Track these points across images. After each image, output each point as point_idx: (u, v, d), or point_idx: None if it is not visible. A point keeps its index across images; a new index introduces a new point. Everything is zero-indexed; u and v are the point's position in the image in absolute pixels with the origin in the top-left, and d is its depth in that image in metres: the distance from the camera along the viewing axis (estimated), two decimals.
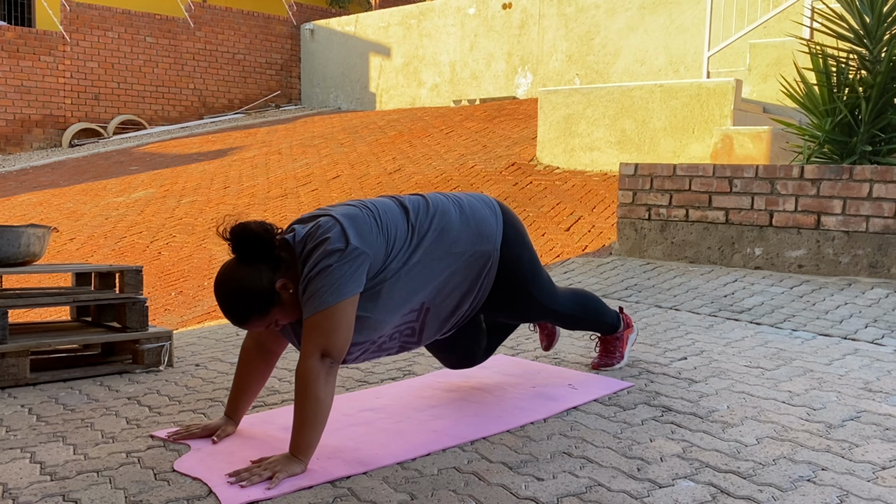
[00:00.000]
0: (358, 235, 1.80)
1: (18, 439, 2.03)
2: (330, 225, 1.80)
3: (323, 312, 1.74)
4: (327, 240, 1.77)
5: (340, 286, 1.74)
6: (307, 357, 1.74)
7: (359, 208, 1.89)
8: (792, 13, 6.85)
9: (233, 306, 1.77)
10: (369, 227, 1.84)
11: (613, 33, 9.38)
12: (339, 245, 1.76)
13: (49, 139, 11.89)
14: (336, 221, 1.81)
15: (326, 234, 1.78)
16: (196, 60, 13.12)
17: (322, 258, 1.75)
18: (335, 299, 1.74)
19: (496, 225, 2.09)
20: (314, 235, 1.80)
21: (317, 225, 1.82)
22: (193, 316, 4.46)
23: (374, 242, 1.83)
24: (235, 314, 1.78)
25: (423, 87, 11.87)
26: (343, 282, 1.74)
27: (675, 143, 6.09)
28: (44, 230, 2.82)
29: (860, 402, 2.24)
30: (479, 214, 2.07)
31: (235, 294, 1.76)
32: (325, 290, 1.74)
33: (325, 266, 1.75)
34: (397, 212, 1.94)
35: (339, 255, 1.75)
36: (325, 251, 1.76)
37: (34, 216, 7.66)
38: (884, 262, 3.86)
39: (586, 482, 1.69)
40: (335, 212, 1.86)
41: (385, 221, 1.89)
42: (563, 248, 4.91)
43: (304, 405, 1.74)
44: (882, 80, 4.21)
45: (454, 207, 2.04)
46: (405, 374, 2.65)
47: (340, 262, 1.75)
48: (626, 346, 2.62)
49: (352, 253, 1.76)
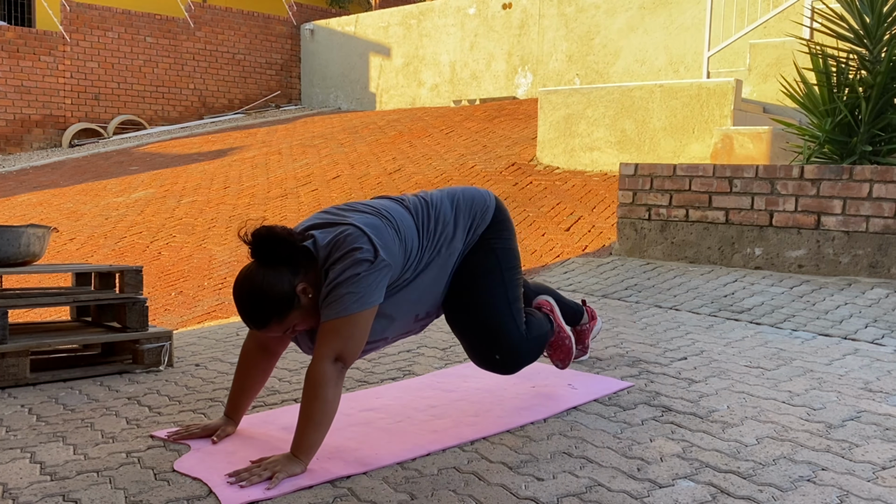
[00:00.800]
0: (384, 248, 1.83)
1: (18, 439, 2.03)
2: (358, 235, 1.82)
3: (345, 318, 1.76)
4: (359, 249, 1.79)
5: (365, 295, 1.77)
6: (321, 359, 1.76)
7: (379, 218, 1.90)
8: (792, 13, 6.85)
9: (253, 309, 1.78)
10: (392, 239, 1.87)
11: (613, 33, 9.38)
12: (369, 256, 1.79)
13: (49, 139, 11.89)
14: (363, 233, 1.82)
15: (356, 243, 1.80)
16: (196, 60, 13.12)
17: (351, 266, 1.77)
18: (359, 307, 1.77)
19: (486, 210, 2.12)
20: (341, 244, 1.81)
21: (344, 234, 1.83)
22: (193, 316, 4.46)
23: (396, 254, 1.87)
24: (256, 317, 1.79)
25: (423, 87, 11.87)
26: (368, 291, 1.78)
27: (675, 144, 6.09)
28: (44, 230, 2.82)
29: (860, 402, 2.24)
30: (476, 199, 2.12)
31: (257, 296, 1.77)
32: (351, 297, 1.76)
33: (353, 274, 1.77)
34: (410, 221, 1.97)
35: (369, 266, 1.78)
36: (355, 259, 1.78)
37: (34, 216, 7.66)
38: (884, 262, 3.86)
39: (586, 482, 1.69)
40: (359, 221, 1.87)
41: (404, 234, 1.92)
42: (563, 248, 4.91)
43: (313, 406, 1.75)
44: (882, 80, 4.21)
45: (450, 205, 2.08)
46: (405, 374, 2.65)
47: (369, 272, 1.78)
48: (588, 337, 2.67)
49: (380, 264, 1.80)
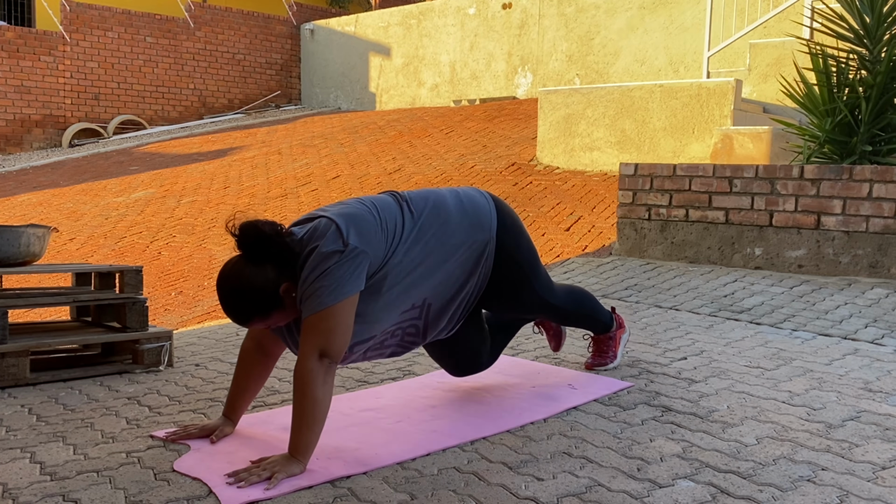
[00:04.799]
0: (357, 234, 1.79)
1: (18, 439, 2.03)
2: (326, 226, 1.80)
3: (321, 313, 1.74)
4: (324, 242, 1.77)
5: (338, 287, 1.74)
6: (305, 357, 1.74)
7: (356, 206, 1.89)
8: (792, 13, 6.85)
9: (236, 306, 1.77)
10: (368, 224, 1.84)
11: (613, 33, 9.38)
12: (337, 247, 1.76)
13: (49, 139, 11.89)
14: (333, 223, 1.80)
15: (323, 235, 1.78)
16: (196, 60, 13.12)
17: (321, 260, 1.75)
18: (333, 300, 1.74)
19: (490, 212, 2.09)
20: (312, 237, 1.80)
21: (314, 226, 1.82)
22: (193, 316, 4.46)
23: (373, 240, 1.83)
24: (238, 313, 1.79)
25: (423, 87, 11.87)
26: (341, 282, 1.74)
27: (675, 143, 6.09)
28: (44, 230, 2.82)
29: (860, 402, 2.24)
30: (475, 202, 2.08)
31: (240, 294, 1.76)
32: (324, 290, 1.73)
33: (324, 268, 1.74)
34: (395, 207, 1.94)
35: (339, 257, 1.75)
36: (323, 253, 1.75)
37: (34, 216, 7.66)
38: (884, 262, 3.86)
39: (586, 482, 1.69)
40: (332, 212, 1.86)
41: (384, 218, 1.88)
42: (563, 248, 4.91)
43: (303, 406, 1.74)
44: (882, 80, 4.21)
45: (450, 197, 2.05)
46: (405, 374, 2.65)
47: (339, 263, 1.75)
48: (619, 346, 2.62)
49: (350, 253, 1.76)
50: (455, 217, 2.01)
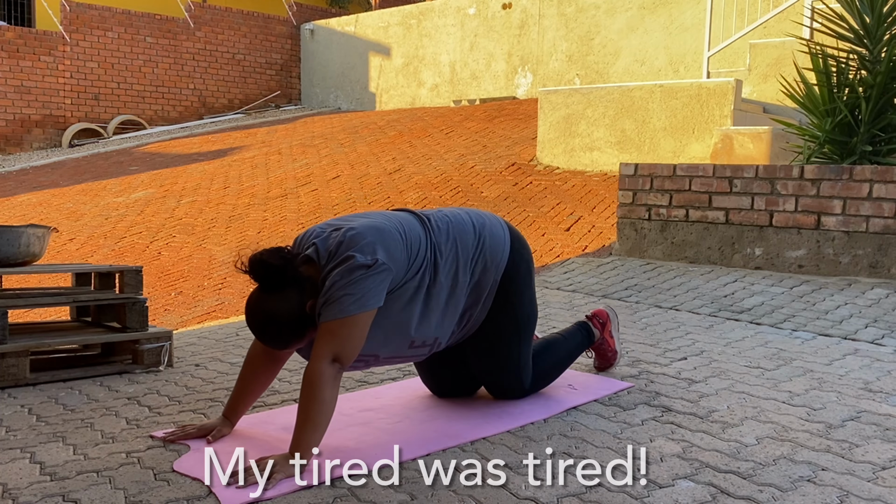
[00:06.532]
0: (385, 250, 1.82)
1: (18, 439, 2.03)
2: (358, 238, 1.82)
3: (343, 320, 1.77)
4: (358, 252, 1.79)
5: (363, 297, 1.77)
6: (319, 360, 1.76)
7: (384, 222, 1.90)
8: (792, 13, 6.84)
9: (271, 337, 1.83)
10: (395, 241, 1.86)
11: (613, 33, 9.38)
12: (367, 260, 1.78)
13: (49, 139, 11.89)
14: (363, 235, 1.82)
15: (354, 246, 1.80)
16: (196, 60, 13.12)
17: (350, 270, 1.78)
18: (357, 309, 1.77)
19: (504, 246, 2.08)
20: (341, 247, 1.81)
21: (343, 237, 1.83)
22: (193, 316, 4.46)
23: (398, 258, 1.85)
24: (275, 342, 1.85)
25: (423, 87, 11.87)
26: (368, 294, 1.78)
27: (675, 143, 6.09)
28: (44, 230, 2.82)
29: (860, 403, 2.24)
30: (496, 240, 2.07)
31: (271, 325, 1.81)
32: (349, 299, 1.76)
33: (351, 278, 1.77)
34: (418, 228, 1.96)
35: (367, 269, 1.78)
36: (353, 265, 1.78)
37: (34, 216, 7.66)
38: (884, 262, 3.86)
39: (586, 482, 1.68)
40: (359, 224, 1.87)
41: (409, 237, 1.91)
42: (563, 248, 4.91)
43: (310, 406, 1.76)
44: (882, 80, 4.21)
45: (470, 226, 2.05)
46: (405, 374, 2.65)
47: (367, 275, 1.78)
48: (613, 342, 2.61)
49: (379, 267, 1.79)
50: (472, 246, 2.02)
